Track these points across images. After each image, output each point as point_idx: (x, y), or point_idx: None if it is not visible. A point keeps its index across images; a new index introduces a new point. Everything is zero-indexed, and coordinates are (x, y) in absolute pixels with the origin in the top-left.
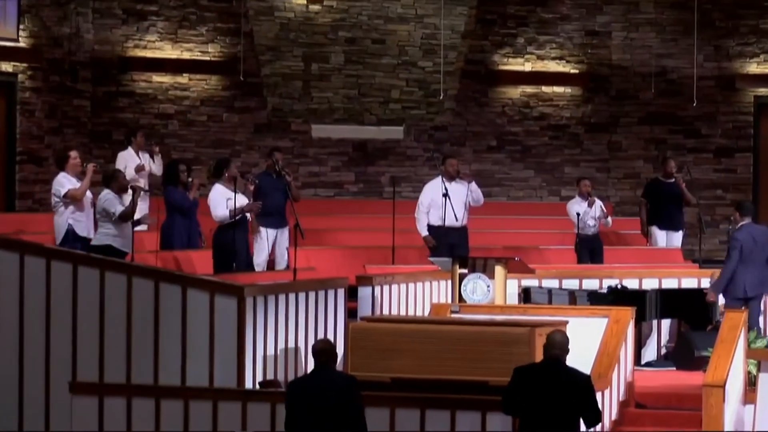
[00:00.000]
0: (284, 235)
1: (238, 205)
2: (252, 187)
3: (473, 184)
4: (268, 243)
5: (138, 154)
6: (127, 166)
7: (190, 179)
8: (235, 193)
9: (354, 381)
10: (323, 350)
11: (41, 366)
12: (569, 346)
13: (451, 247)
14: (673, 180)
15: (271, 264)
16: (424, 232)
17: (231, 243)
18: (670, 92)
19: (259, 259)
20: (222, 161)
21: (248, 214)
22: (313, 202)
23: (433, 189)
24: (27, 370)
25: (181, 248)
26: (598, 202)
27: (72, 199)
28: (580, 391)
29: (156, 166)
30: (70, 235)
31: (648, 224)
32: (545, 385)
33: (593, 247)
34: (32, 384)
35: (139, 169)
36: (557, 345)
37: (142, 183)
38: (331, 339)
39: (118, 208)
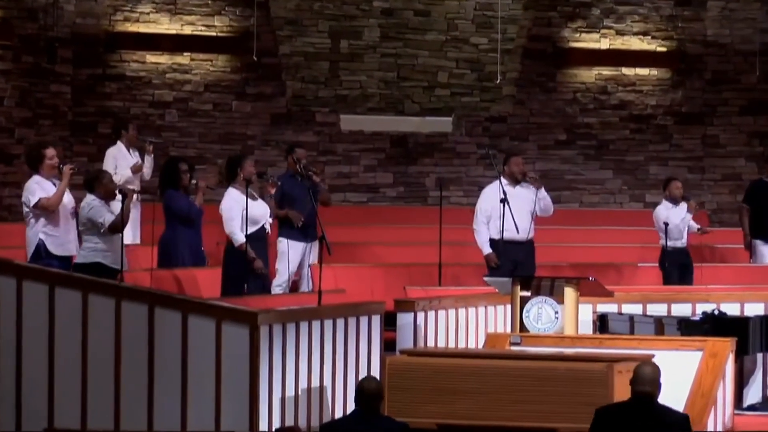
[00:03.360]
0: (314, 250)
1: (257, 213)
2: (273, 190)
3: (542, 191)
4: (292, 261)
5: (129, 151)
6: (118, 166)
7: (193, 181)
8: (247, 198)
9: (407, 430)
10: (375, 392)
11: (10, 409)
12: (660, 382)
13: (514, 265)
14: None
15: (294, 286)
16: (487, 249)
17: (245, 259)
18: None
19: (281, 279)
20: (234, 159)
21: (267, 226)
22: (342, 210)
23: (494, 194)
24: None
25: (184, 265)
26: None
27: (44, 209)
28: None
29: (147, 168)
30: (42, 251)
31: (751, 236)
32: (636, 429)
33: (684, 262)
34: None
35: (137, 168)
36: (647, 380)
37: (136, 186)
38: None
39: (108, 217)
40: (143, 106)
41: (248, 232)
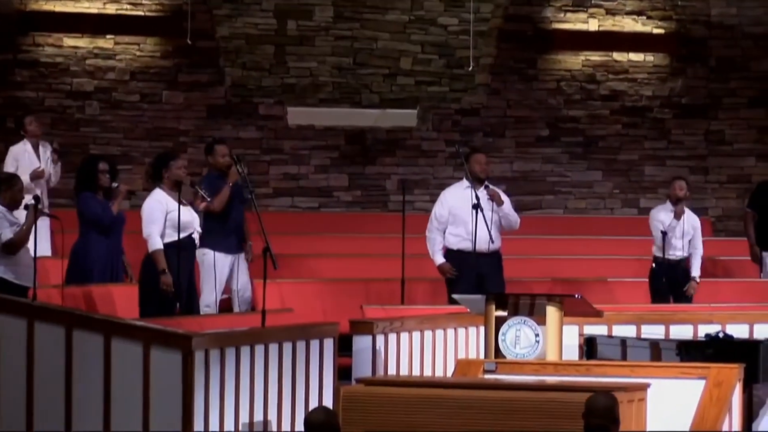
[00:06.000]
0: (244, 263)
1: (185, 219)
2: (203, 205)
3: (506, 205)
4: (220, 275)
5: (37, 150)
6: (20, 167)
7: (114, 184)
8: (179, 204)
9: None
10: (324, 424)
11: None
12: (617, 415)
13: (479, 279)
14: None
15: (225, 305)
16: (440, 259)
17: (155, 269)
18: None
19: (209, 298)
20: (160, 158)
21: (196, 236)
22: (290, 217)
23: (453, 197)
24: None
25: (96, 278)
26: (691, 217)
27: None
28: None
29: (53, 175)
30: None
31: (759, 246)
32: None
33: (676, 277)
34: None
35: (38, 175)
36: (601, 412)
37: (40, 192)
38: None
39: (5, 233)
40: (60, 97)
41: (176, 239)
